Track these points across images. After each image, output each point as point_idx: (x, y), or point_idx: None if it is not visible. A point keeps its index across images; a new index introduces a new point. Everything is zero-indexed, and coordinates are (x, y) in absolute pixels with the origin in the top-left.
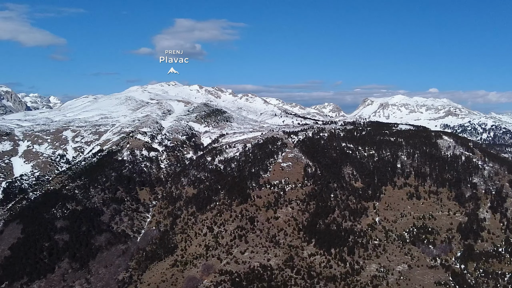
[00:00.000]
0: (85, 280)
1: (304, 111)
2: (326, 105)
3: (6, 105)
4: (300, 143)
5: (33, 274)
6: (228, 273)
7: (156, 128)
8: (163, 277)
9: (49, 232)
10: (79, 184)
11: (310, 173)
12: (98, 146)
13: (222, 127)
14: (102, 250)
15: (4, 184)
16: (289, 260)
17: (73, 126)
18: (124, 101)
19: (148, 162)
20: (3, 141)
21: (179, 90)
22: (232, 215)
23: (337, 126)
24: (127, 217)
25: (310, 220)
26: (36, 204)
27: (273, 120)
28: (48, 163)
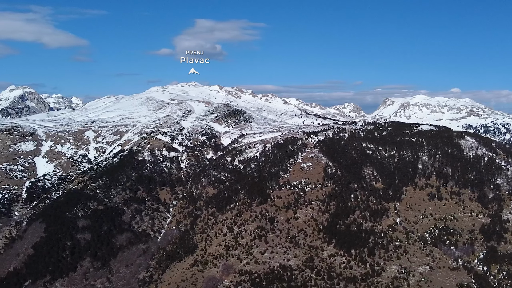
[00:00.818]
0: (106, 279)
1: (324, 111)
2: (346, 105)
3: (29, 105)
4: (320, 143)
5: (55, 273)
6: (248, 273)
7: (177, 129)
8: (183, 277)
9: (71, 231)
10: (100, 184)
11: (330, 174)
12: (119, 146)
13: (242, 127)
14: (123, 249)
15: (27, 183)
16: (309, 260)
17: (94, 126)
18: (144, 102)
19: (168, 162)
20: (27, 141)
21: (199, 91)
22: (252, 215)
23: (357, 126)
24: (148, 216)
25: (330, 221)
26: (59, 203)
27: (293, 121)
28: (70, 163)
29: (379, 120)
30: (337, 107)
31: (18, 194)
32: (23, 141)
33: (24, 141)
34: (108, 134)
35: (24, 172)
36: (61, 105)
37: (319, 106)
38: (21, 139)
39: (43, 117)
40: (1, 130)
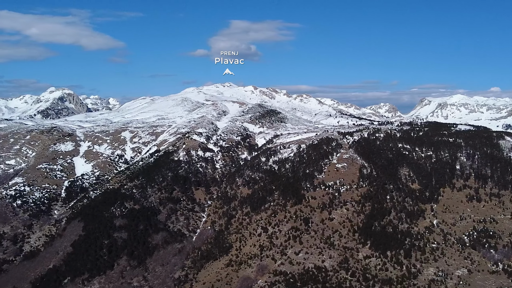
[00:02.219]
0: (142, 278)
1: (359, 111)
2: (382, 105)
3: (68, 107)
4: (355, 143)
5: (93, 270)
6: (282, 274)
7: (212, 129)
8: (218, 276)
9: (109, 230)
10: (136, 183)
11: (365, 174)
12: (155, 147)
13: (277, 127)
14: (159, 248)
15: (66, 183)
16: (344, 261)
17: (131, 127)
18: (180, 102)
19: (203, 162)
20: (66, 141)
21: (234, 91)
22: (286, 216)
23: (393, 127)
24: (183, 216)
25: (365, 222)
26: (96, 202)
27: (328, 121)
28: (108, 163)
29: (416, 120)
30: (372, 107)
31: (58, 193)
32: (62, 142)
33: (63, 141)
34: (144, 134)
35: (63, 171)
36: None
37: (354, 106)
38: (60, 140)
39: (81, 118)
40: (41, 130)
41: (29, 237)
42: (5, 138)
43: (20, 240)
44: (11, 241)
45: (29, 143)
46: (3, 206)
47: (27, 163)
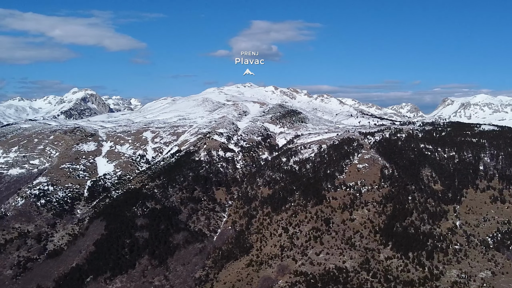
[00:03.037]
0: (163, 277)
1: (381, 111)
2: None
3: (91, 107)
4: (376, 144)
5: (115, 269)
6: (303, 274)
7: (232, 129)
8: (238, 276)
9: (130, 230)
10: (158, 183)
11: (387, 175)
12: (176, 147)
13: (297, 128)
14: (180, 248)
15: (89, 182)
16: (365, 262)
17: (152, 127)
18: (201, 103)
19: (224, 162)
20: (88, 141)
21: (255, 91)
22: (307, 216)
23: (415, 127)
24: (204, 216)
25: (387, 223)
26: (118, 202)
27: (349, 121)
28: (129, 163)
29: (438, 121)
30: (394, 107)
31: (80, 192)
32: (85, 142)
33: (86, 141)
34: (165, 134)
35: (86, 171)
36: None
37: (375, 106)
38: (83, 140)
39: (103, 118)
40: (64, 131)
41: (52, 236)
42: (29, 138)
43: (44, 238)
44: (35, 240)
45: (52, 143)
46: (28, 205)
47: (50, 163)
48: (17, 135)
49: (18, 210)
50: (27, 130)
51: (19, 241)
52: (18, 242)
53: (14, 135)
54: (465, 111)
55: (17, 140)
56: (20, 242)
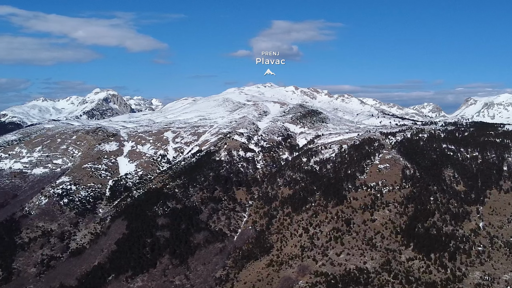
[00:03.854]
0: (184, 276)
1: (402, 111)
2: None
3: (112, 107)
4: (398, 144)
5: (136, 268)
6: (323, 275)
7: (253, 129)
8: (259, 276)
9: (151, 229)
10: (179, 183)
11: (408, 175)
12: (197, 147)
13: (318, 128)
14: (201, 247)
15: (111, 182)
16: (386, 263)
17: (173, 127)
18: (221, 103)
19: (244, 162)
20: (110, 141)
21: (275, 92)
22: (327, 217)
23: (437, 127)
24: (224, 216)
25: (408, 224)
26: (140, 201)
27: (370, 121)
28: (150, 162)
29: (461, 120)
30: (415, 107)
31: (102, 192)
32: (107, 142)
33: (108, 141)
34: (186, 134)
35: (107, 171)
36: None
37: (396, 106)
38: (105, 140)
39: (125, 118)
40: (87, 131)
41: (75, 234)
42: (52, 138)
43: (66, 237)
44: (58, 238)
45: (75, 143)
46: (51, 204)
47: (73, 162)
48: (40, 135)
49: (41, 209)
50: (50, 130)
51: (42, 239)
52: (42, 241)
53: (38, 135)
54: (488, 110)
55: (40, 140)
56: (44, 240)
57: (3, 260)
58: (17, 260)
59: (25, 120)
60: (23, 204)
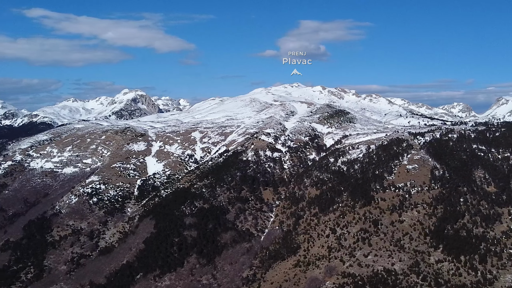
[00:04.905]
0: (211, 276)
1: (431, 111)
2: (455, 104)
3: (141, 107)
4: (426, 144)
5: (164, 267)
6: (351, 276)
7: (280, 129)
8: (285, 277)
9: (179, 228)
10: (206, 183)
11: (437, 176)
12: (224, 147)
13: (345, 128)
14: (227, 247)
15: (139, 181)
16: (414, 265)
17: (201, 127)
18: (248, 103)
19: (271, 162)
20: (138, 141)
21: (302, 92)
22: (355, 217)
23: (467, 127)
24: (251, 216)
25: (437, 225)
26: (167, 201)
27: (398, 121)
28: (178, 162)
29: (492, 120)
30: (445, 107)
31: (131, 191)
32: (135, 142)
33: (136, 141)
34: (213, 134)
35: (136, 170)
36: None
37: (425, 106)
38: (133, 140)
39: (153, 118)
40: (115, 131)
41: (104, 233)
42: (82, 138)
43: (96, 236)
44: (88, 237)
45: (104, 143)
46: (81, 203)
47: (102, 162)
48: (71, 135)
49: (71, 207)
50: (80, 130)
51: (72, 237)
52: (72, 239)
53: (68, 135)
54: None
55: (71, 140)
56: (74, 238)
57: (35, 257)
58: (48, 257)
59: (56, 120)
60: (54, 203)
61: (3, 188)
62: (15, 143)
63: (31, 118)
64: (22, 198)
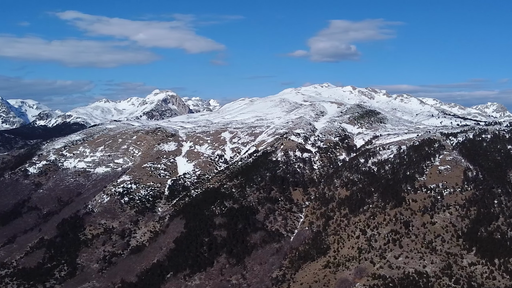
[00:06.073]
0: (241, 276)
1: (464, 111)
2: (489, 104)
3: (171, 108)
4: (459, 145)
5: (194, 267)
6: (381, 278)
7: (309, 130)
8: (315, 278)
9: (209, 228)
10: (236, 183)
11: (470, 177)
12: (254, 147)
13: (376, 128)
14: (257, 247)
15: (169, 181)
16: (446, 268)
17: (230, 127)
18: (278, 103)
19: (301, 163)
20: (169, 141)
21: (332, 92)
22: (385, 219)
23: (501, 127)
24: (281, 216)
25: (470, 227)
26: (197, 201)
27: (430, 121)
28: (208, 162)
29: None
30: (478, 107)
31: (161, 191)
32: (166, 142)
33: (167, 141)
34: (243, 135)
35: (166, 170)
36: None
37: (458, 106)
38: (164, 140)
39: (183, 119)
40: (146, 131)
41: (135, 232)
42: (114, 138)
43: (127, 235)
44: (119, 236)
45: (135, 143)
46: (112, 202)
47: (133, 162)
48: (103, 135)
49: (103, 207)
50: (112, 130)
51: (104, 236)
52: (104, 238)
53: (100, 135)
54: None
55: (103, 140)
56: (106, 237)
57: (68, 255)
58: (81, 255)
59: (88, 120)
60: (87, 202)
61: (38, 187)
62: (49, 143)
63: (64, 118)
64: (56, 197)
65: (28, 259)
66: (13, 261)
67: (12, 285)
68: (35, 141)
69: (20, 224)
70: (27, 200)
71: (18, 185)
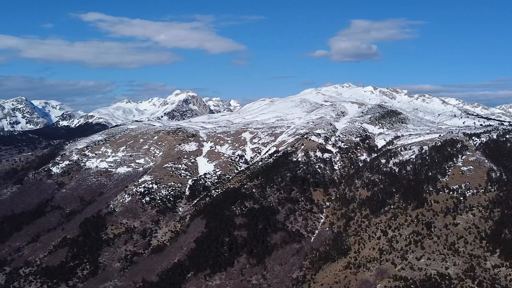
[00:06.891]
0: (261, 276)
1: (488, 111)
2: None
3: (192, 108)
4: (482, 145)
5: (215, 267)
6: (403, 279)
7: (330, 130)
8: (336, 278)
9: (229, 228)
10: (256, 183)
11: (494, 178)
12: (274, 147)
13: (397, 128)
14: (277, 248)
15: (190, 181)
16: (469, 270)
17: (251, 128)
18: (298, 104)
19: (321, 163)
20: (190, 142)
21: (353, 92)
22: (407, 220)
23: None
24: (301, 217)
25: (494, 229)
26: (218, 201)
27: (452, 121)
28: (229, 162)
29: None
30: (502, 107)
31: (182, 191)
32: (187, 142)
33: (188, 141)
34: (263, 135)
35: (187, 170)
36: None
37: (481, 105)
38: (185, 140)
39: (204, 119)
40: (167, 131)
41: (156, 232)
42: (135, 138)
43: (148, 234)
44: (141, 235)
45: (156, 143)
46: (134, 202)
47: (154, 162)
48: (124, 135)
49: (125, 206)
50: (133, 130)
51: (126, 236)
52: (125, 237)
53: (122, 135)
54: None
55: (124, 140)
56: (127, 237)
57: (91, 254)
58: (103, 255)
59: (110, 121)
60: (108, 202)
61: (61, 187)
62: (72, 143)
63: (87, 119)
64: (79, 196)
65: (51, 258)
66: (37, 260)
67: (36, 283)
68: (58, 141)
69: (43, 223)
70: (51, 199)
71: (42, 185)
